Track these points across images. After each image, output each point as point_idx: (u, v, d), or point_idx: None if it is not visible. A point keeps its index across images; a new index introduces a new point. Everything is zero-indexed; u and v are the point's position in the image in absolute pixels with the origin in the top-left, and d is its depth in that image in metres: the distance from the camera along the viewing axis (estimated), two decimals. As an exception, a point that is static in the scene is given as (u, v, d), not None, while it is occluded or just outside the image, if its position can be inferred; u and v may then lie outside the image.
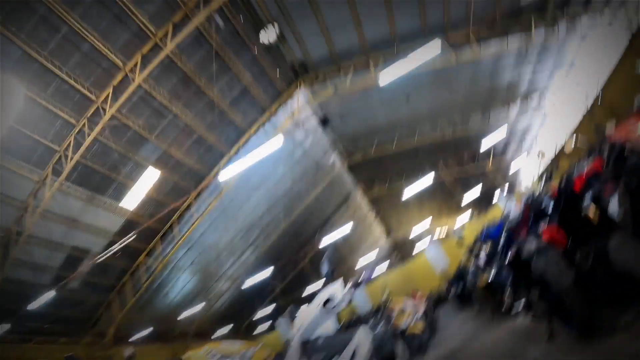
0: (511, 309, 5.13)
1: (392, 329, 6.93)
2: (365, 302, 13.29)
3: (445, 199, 26.35)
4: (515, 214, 4.98)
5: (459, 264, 10.87)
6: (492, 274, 5.92)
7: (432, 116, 18.40)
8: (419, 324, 7.75)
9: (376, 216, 30.26)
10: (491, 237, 5.57)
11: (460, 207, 27.66)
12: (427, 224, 26.92)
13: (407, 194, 20.83)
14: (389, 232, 32.87)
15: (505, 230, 4.45)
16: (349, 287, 2.28)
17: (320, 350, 2.09)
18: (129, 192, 13.23)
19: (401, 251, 34.18)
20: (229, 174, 12.20)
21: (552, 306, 3.66)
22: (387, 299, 9.04)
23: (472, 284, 7.55)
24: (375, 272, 26.56)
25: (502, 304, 5.41)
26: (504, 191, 6.65)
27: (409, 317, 7.71)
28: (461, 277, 10.09)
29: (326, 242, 20.39)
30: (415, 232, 28.54)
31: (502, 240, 4.43)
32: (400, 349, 6.66)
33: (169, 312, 18.72)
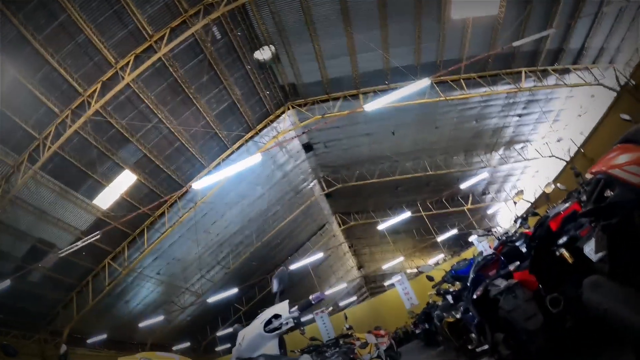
0: (475, 351, 4.99)
1: (350, 360, 6.64)
2: (329, 330, 12.89)
3: (420, 236, 26.43)
4: (487, 252, 4.93)
5: (427, 302, 10.77)
6: (458, 313, 5.80)
7: (415, 153, 18.71)
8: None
9: (349, 248, 30.01)
10: (460, 274, 5.46)
11: (434, 247, 27.77)
12: (399, 260, 26.78)
13: (383, 227, 20.78)
14: (360, 266, 32.51)
15: (474, 268, 4.34)
16: (295, 308, 2.14)
17: None
18: (103, 191, 12.83)
19: (371, 286, 33.76)
20: (202, 184, 11.92)
21: (516, 351, 3.52)
22: (349, 330, 8.80)
23: (438, 323, 7.42)
24: (331, 296, 25.89)
25: (468, 344, 5.27)
26: (479, 232, 6.62)
27: (370, 352, 7.46)
28: (428, 315, 9.98)
29: (296, 268, 19.91)
30: (386, 268, 28.30)
31: (470, 277, 4.32)
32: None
33: (129, 320, 17.81)
